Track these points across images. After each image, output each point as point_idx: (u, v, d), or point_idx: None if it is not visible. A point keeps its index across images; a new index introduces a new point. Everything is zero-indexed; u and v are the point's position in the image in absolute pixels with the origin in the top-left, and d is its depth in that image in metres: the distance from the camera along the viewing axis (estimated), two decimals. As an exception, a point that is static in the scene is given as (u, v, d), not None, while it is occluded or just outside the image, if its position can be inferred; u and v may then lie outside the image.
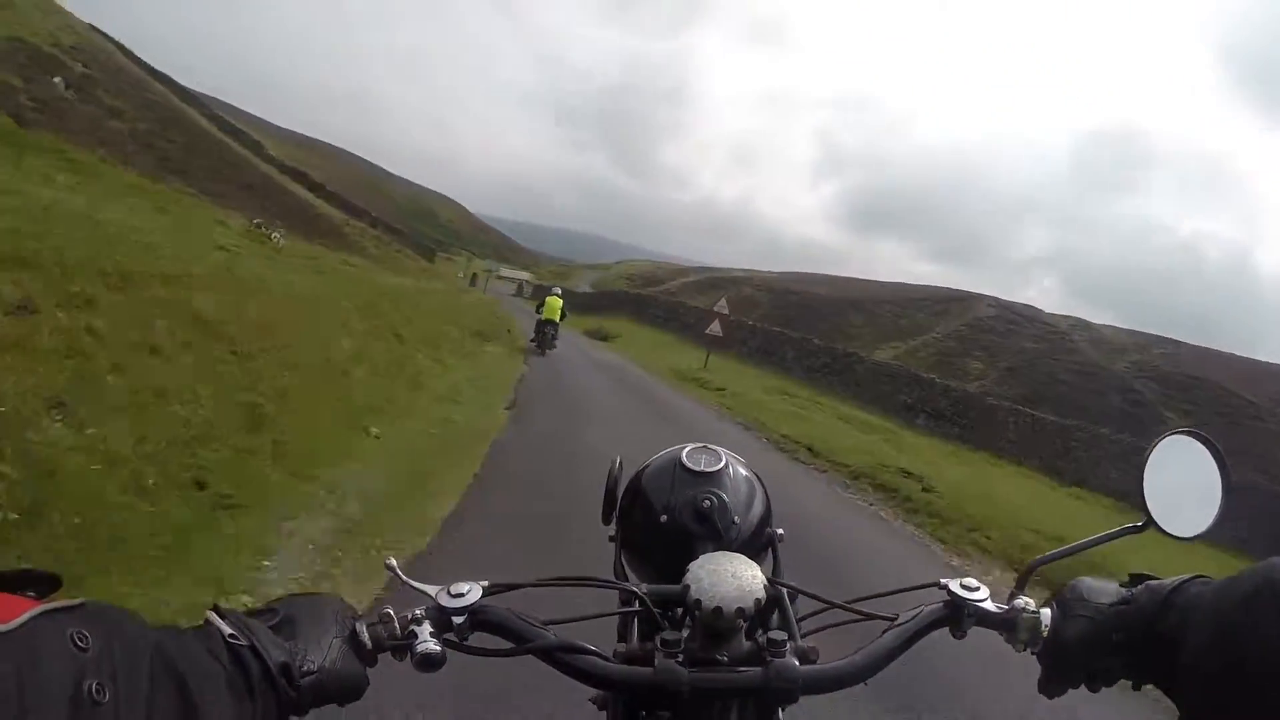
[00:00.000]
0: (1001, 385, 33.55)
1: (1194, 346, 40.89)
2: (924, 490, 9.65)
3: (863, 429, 18.08)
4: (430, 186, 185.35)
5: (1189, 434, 0.86)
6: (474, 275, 44.03)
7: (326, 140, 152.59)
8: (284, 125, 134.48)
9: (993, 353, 38.92)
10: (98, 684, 0.42)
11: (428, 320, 12.78)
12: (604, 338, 32.11)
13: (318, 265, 11.94)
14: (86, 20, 38.03)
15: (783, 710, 0.76)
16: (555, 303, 17.59)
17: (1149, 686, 0.68)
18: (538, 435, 7.43)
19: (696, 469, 1.03)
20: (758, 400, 17.19)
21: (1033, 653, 0.75)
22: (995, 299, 47.68)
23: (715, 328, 21.46)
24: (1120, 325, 46.15)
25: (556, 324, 17.46)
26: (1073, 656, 0.71)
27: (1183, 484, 0.82)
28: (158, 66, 41.16)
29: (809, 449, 11.72)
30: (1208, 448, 0.83)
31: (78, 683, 0.41)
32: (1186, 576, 0.66)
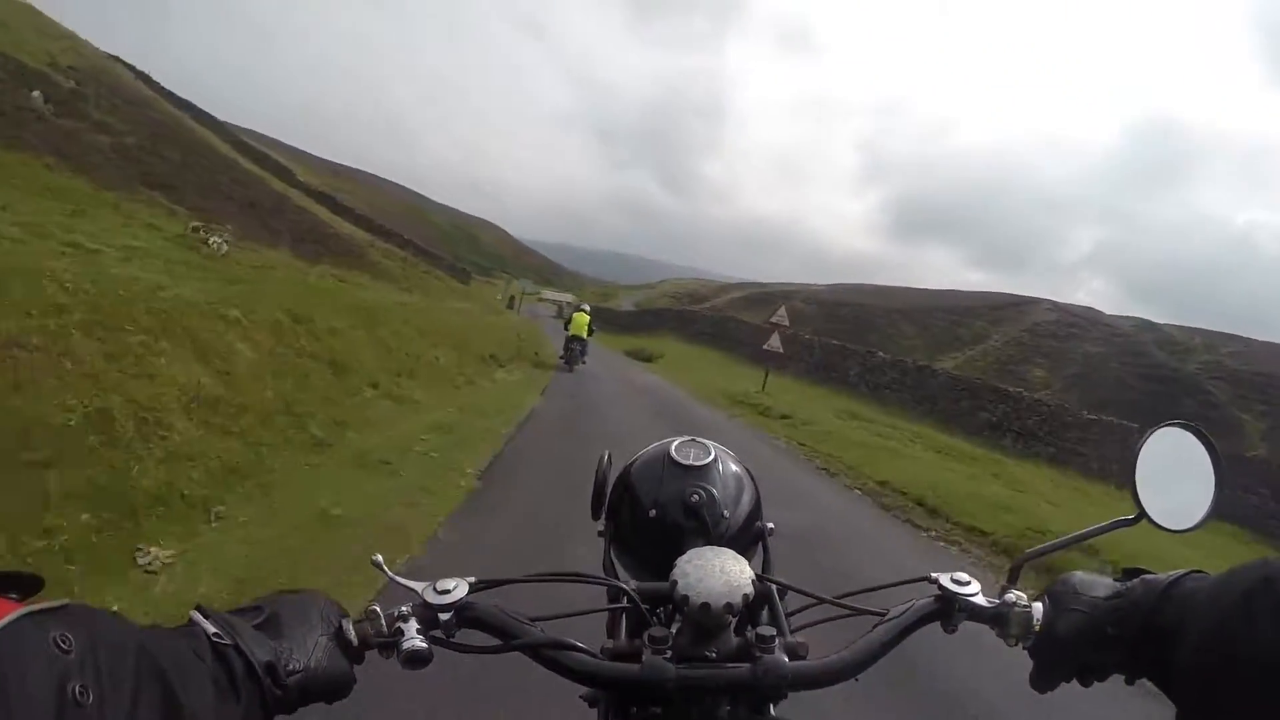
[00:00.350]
0: (1068, 393, 31.07)
1: (1264, 343, 38.67)
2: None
3: (963, 461, 14.62)
4: (473, 213, 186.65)
5: (1181, 426, 0.83)
6: (512, 297, 41.51)
7: (373, 172, 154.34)
8: (332, 159, 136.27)
9: (1055, 359, 37.00)
10: (81, 686, 0.41)
11: (415, 343, 9.95)
12: (646, 358, 29.10)
13: (259, 275, 9.21)
14: (112, 51, 37.32)
15: (773, 706, 0.74)
16: (582, 319, 17.31)
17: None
18: (507, 538, 4.30)
19: (685, 463, 1.01)
20: (833, 430, 13.86)
21: (1024, 648, 0.74)
22: (1053, 302, 46.61)
23: (774, 342, 18.21)
24: (1180, 324, 44.36)
25: (584, 340, 17.09)
26: (1066, 651, 0.70)
27: (1175, 476, 0.80)
28: (213, 111, 40.30)
29: (919, 503, 8.45)
30: (1200, 440, 0.80)
31: (61, 685, 0.41)
32: (1182, 571, 0.65)
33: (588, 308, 19.32)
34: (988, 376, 28.89)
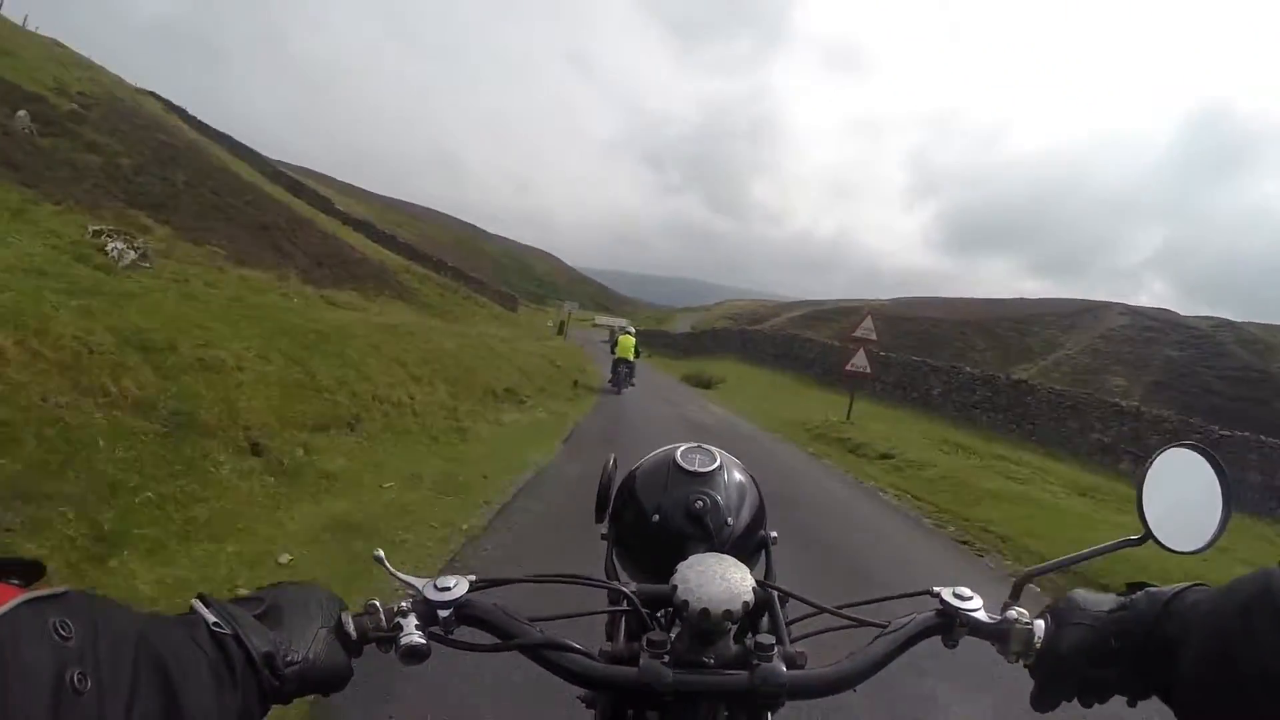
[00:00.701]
0: (1150, 402, 27.72)
1: (1351, 338, 37.57)
2: None
3: (1117, 507, 11.11)
4: (530, 244, 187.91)
5: (1190, 447, 0.81)
6: (561, 322, 39.07)
7: (431, 207, 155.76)
8: (392, 195, 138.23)
9: (1134, 366, 35.05)
10: (80, 674, 0.41)
11: (381, 377, 7.20)
12: (706, 384, 25.81)
13: (162, 288, 6.62)
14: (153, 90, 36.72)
15: (771, 714, 0.75)
16: (628, 341, 17.17)
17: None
18: None
19: (690, 469, 1.00)
20: (946, 473, 10.50)
21: (1025, 665, 0.72)
22: (1125, 305, 44.75)
23: (860, 361, 14.96)
24: (1258, 321, 42.34)
25: (631, 362, 16.82)
26: (1068, 666, 0.69)
27: (1183, 498, 0.78)
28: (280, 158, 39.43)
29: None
30: (1209, 461, 0.79)
31: (59, 673, 0.40)
32: (1185, 584, 0.65)
33: (633, 330, 19.37)
34: (1067, 387, 25.77)
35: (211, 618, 0.55)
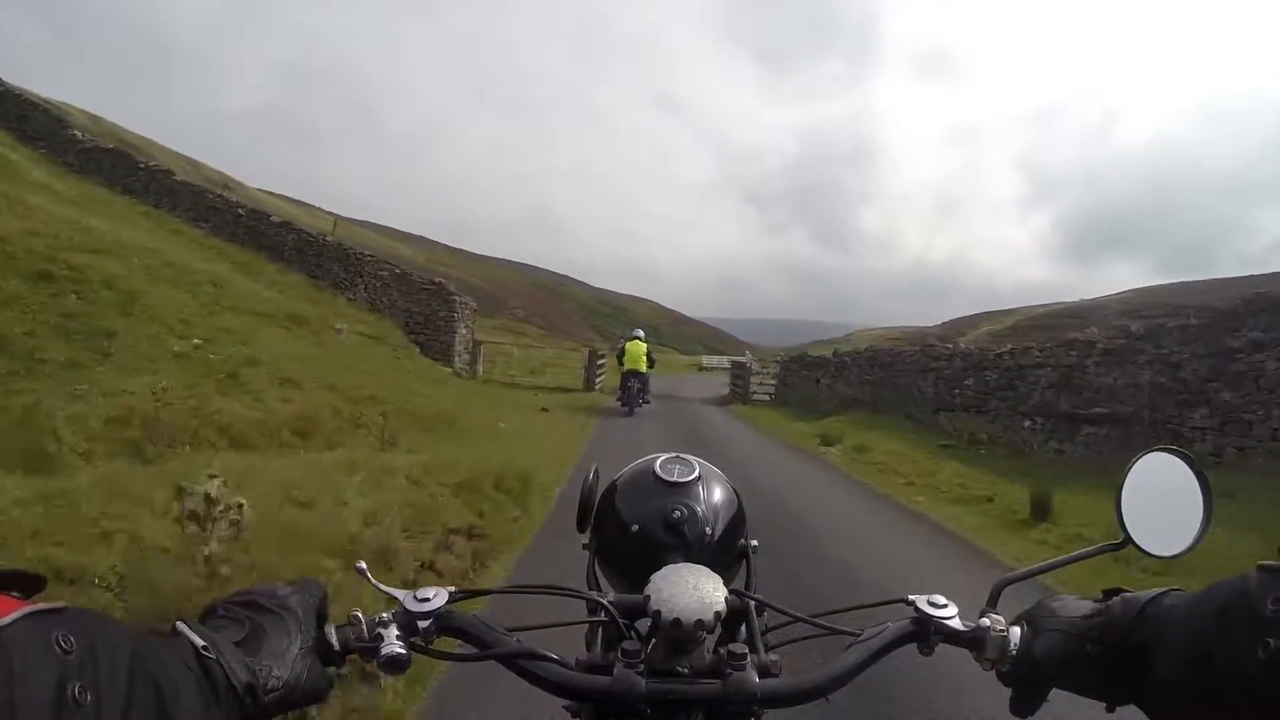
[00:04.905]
0: None
1: None
2: None
3: None
4: (634, 294, 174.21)
5: (1169, 451, 0.79)
6: (598, 356, 21.22)
7: (540, 266, 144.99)
8: (491, 255, 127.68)
9: None
10: (80, 686, 0.41)
11: None
12: None
13: None
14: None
15: None
16: (637, 349, 14.71)
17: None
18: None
19: (670, 479, 0.98)
20: None
21: (1001, 672, 0.72)
22: None
23: None
24: None
25: (643, 374, 14.51)
26: (1045, 673, 0.68)
27: (1162, 502, 0.77)
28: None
29: None
30: (1189, 466, 0.77)
31: (61, 685, 0.40)
32: (1162, 589, 0.64)
33: (642, 334, 15.74)
34: None
35: (200, 641, 0.56)
